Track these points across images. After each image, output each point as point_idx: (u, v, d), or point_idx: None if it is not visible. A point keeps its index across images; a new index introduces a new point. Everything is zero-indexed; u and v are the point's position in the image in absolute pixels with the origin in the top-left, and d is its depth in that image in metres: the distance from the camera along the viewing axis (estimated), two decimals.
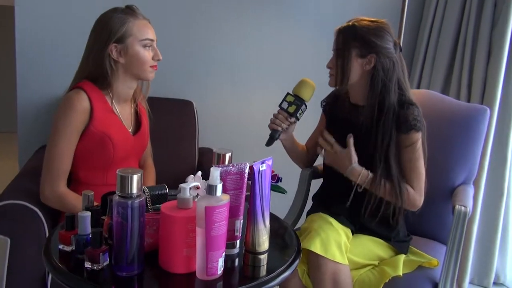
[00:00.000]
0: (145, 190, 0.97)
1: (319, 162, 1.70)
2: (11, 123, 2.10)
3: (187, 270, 0.80)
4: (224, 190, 0.83)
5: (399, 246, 1.44)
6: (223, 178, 0.85)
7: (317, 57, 2.27)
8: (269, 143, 1.45)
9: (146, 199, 0.96)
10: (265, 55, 2.24)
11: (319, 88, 1.50)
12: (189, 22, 2.09)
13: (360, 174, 1.35)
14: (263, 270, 0.84)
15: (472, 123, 1.61)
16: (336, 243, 1.28)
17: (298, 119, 1.43)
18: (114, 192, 1.01)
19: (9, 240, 1.27)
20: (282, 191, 1.02)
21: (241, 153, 2.16)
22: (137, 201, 0.76)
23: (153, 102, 2.01)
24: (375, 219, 1.38)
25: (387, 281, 1.31)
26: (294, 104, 1.40)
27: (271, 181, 1.01)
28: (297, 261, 0.90)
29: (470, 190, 1.56)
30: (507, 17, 1.93)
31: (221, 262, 0.78)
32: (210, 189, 0.76)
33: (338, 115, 1.51)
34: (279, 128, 1.43)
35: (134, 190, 0.76)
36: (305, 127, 1.63)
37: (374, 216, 1.38)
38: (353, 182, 1.37)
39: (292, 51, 2.27)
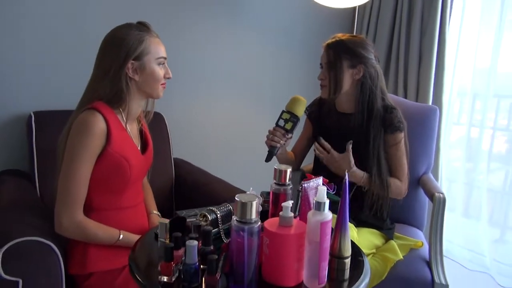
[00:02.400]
0: (216, 211, 0.99)
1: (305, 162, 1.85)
2: None
3: (296, 282, 0.86)
4: (308, 204, 0.91)
5: (388, 233, 1.65)
6: (308, 193, 0.92)
7: (278, 66, 2.44)
8: (268, 159, 1.51)
9: (218, 220, 0.99)
10: (228, 64, 2.31)
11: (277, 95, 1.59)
12: (156, 31, 2.04)
13: (362, 176, 1.52)
14: (347, 273, 0.94)
15: (426, 120, 1.90)
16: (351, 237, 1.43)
17: (292, 133, 1.51)
18: (180, 218, 1.02)
19: (21, 282, 1.17)
20: (337, 199, 1.11)
21: (214, 161, 2.22)
22: (255, 226, 0.80)
23: None
24: (371, 212, 1.57)
25: (392, 265, 1.50)
26: (290, 121, 1.47)
27: (329, 191, 1.10)
28: (367, 260, 1.02)
29: (433, 178, 1.85)
30: (433, 27, 2.28)
31: (327, 270, 0.86)
32: (319, 206, 0.83)
33: (325, 122, 1.66)
34: (278, 145, 1.50)
35: (253, 216, 0.80)
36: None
37: (370, 210, 1.57)
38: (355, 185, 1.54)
39: (254, 59, 2.37)
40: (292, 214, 0.86)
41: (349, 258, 0.94)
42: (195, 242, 0.82)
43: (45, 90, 1.84)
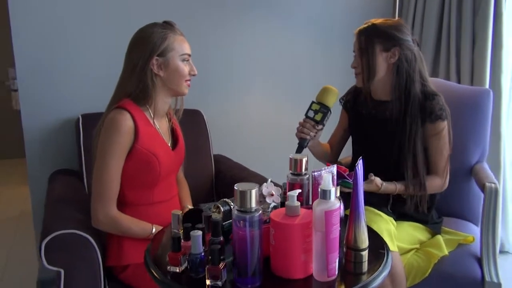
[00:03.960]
0: (229, 203, 0.98)
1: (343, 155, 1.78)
2: (19, 149, 2.02)
3: (305, 275, 0.83)
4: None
5: (434, 227, 1.53)
6: (318, 182, 0.88)
7: (314, 58, 2.38)
8: (299, 151, 1.46)
9: (231, 212, 0.98)
10: (264, 58, 2.29)
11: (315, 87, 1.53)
12: (189, 31, 2.08)
13: (395, 189, 1.42)
14: (365, 266, 0.88)
15: (479, 104, 1.74)
16: (387, 232, 1.35)
17: (324, 125, 1.45)
18: (196, 210, 1.02)
19: (63, 272, 1.24)
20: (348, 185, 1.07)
21: (253, 155, 2.20)
22: (256, 214, 0.78)
23: None
24: (413, 207, 1.46)
25: (436, 261, 1.39)
26: (320, 112, 1.41)
27: (348, 180, 1.05)
28: (389, 253, 0.96)
29: (487, 167, 1.69)
30: (487, 4, 2.09)
31: (337, 262, 0.82)
32: (325, 194, 0.79)
33: (361, 111, 1.58)
34: (308, 137, 1.44)
35: (253, 204, 0.78)
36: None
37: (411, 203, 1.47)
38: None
39: (289, 52, 2.33)
40: (298, 204, 0.83)
41: (367, 250, 0.88)
42: (199, 232, 0.82)
43: (92, 94, 1.95)
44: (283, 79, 2.35)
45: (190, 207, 1.57)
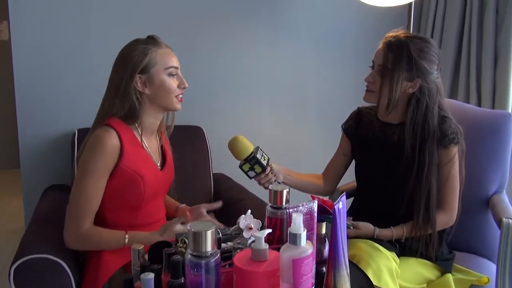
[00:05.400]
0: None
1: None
2: (15, 160, 2.00)
3: None
4: None
5: (444, 264, 1.38)
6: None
7: (319, 70, 2.27)
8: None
9: None
10: (273, 74, 2.20)
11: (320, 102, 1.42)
12: (189, 46, 2.03)
13: (391, 234, 1.33)
14: None
15: (498, 129, 1.58)
16: (387, 270, 1.21)
17: (265, 165, 1.31)
18: (163, 243, 0.93)
19: None
20: (349, 226, 0.94)
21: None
22: (212, 260, 0.67)
23: None
24: (418, 239, 1.33)
25: None
26: (252, 165, 1.29)
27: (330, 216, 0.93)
28: None
29: (506, 199, 1.53)
30: (510, 21, 1.94)
31: None
32: (294, 238, 0.68)
33: (366, 135, 1.46)
34: (273, 184, 1.35)
35: (209, 248, 0.67)
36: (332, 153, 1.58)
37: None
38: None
39: (298, 68, 2.23)
40: (265, 247, 0.72)
41: None
42: (151, 275, 0.72)
43: (90, 108, 1.88)
44: (289, 94, 2.26)
45: (184, 205, 1.48)
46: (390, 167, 1.37)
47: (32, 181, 1.87)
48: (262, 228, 0.94)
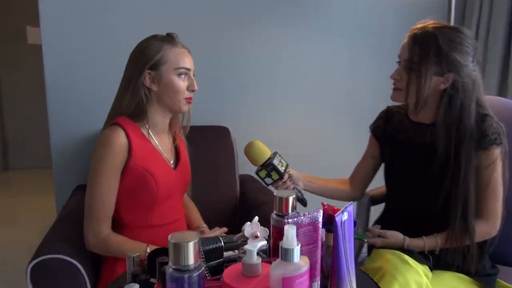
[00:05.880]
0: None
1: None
2: (48, 159, 2.08)
3: None
4: None
5: (486, 280, 1.24)
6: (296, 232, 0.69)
7: (351, 69, 2.15)
8: (304, 203, 1.28)
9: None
10: (304, 72, 2.11)
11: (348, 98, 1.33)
12: (218, 45, 1.99)
13: (425, 245, 1.21)
14: None
15: None
16: (417, 286, 1.10)
17: (283, 171, 1.23)
18: (161, 249, 0.88)
19: None
20: (361, 238, 0.85)
21: None
22: (195, 274, 0.61)
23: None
24: (454, 251, 1.20)
25: None
26: (269, 171, 1.21)
27: None
28: None
29: None
30: None
31: None
32: (286, 254, 0.60)
33: (395, 135, 1.34)
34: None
35: (191, 261, 0.61)
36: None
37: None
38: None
39: (332, 65, 2.13)
40: (258, 261, 0.64)
41: None
42: (136, 286, 0.67)
43: None
44: (319, 94, 2.16)
45: (205, 226, 1.44)
46: (421, 170, 1.25)
47: (63, 180, 1.91)
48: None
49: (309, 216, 0.71)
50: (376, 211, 1.49)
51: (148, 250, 1.18)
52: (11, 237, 2.88)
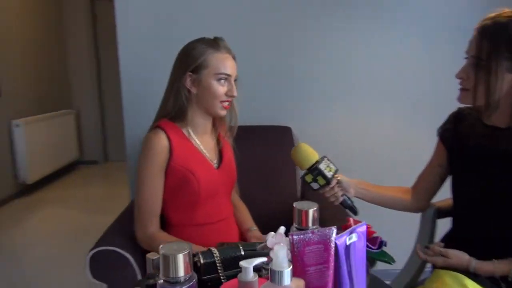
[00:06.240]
0: (215, 253, 0.80)
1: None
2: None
3: None
4: (303, 267, 0.62)
5: None
6: (300, 250, 0.64)
7: (430, 67, 1.95)
8: (354, 212, 1.21)
9: (216, 265, 0.80)
10: (374, 69, 1.98)
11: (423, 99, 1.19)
12: (281, 42, 1.95)
13: (494, 270, 1.04)
14: None
15: None
16: None
17: (330, 177, 1.15)
18: None
19: (105, 286, 1.25)
20: (388, 260, 0.76)
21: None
22: (185, 286, 0.60)
23: (247, 130, 1.90)
24: None
25: None
26: (315, 176, 1.13)
27: (372, 248, 0.75)
28: None
29: None
30: None
31: None
32: (275, 276, 0.56)
33: (465, 141, 1.18)
34: (340, 198, 1.19)
35: (181, 273, 0.59)
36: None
37: None
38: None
39: (404, 60, 1.96)
40: (254, 279, 0.61)
41: None
42: None
43: None
44: (398, 93, 2.01)
45: (255, 228, 1.43)
46: (494, 181, 1.08)
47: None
48: None
49: (319, 233, 0.65)
50: (445, 224, 1.33)
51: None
52: (101, 224, 3.19)
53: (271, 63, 1.97)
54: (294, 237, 0.63)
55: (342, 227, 0.75)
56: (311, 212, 0.76)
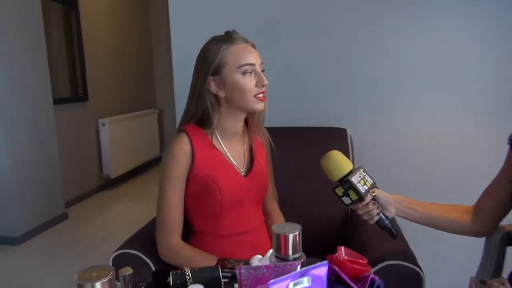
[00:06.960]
0: (187, 273, 0.70)
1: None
2: None
3: None
4: None
5: None
6: (247, 283, 0.50)
7: (484, 62, 1.64)
8: (391, 234, 1.04)
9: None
10: (441, 72, 1.73)
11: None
12: (336, 40, 1.79)
13: None
14: None
15: None
16: None
17: (365, 191, 0.98)
18: (165, 270, 0.80)
19: None
20: None
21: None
22: None
23: (300, 132, 1.75)
24: None
25: None
26: (346, 189, 0.97)
27: None
28: None
29: None
30: None
31: None
32: None
33: None
34: (376, 217, 1.02)
35: None
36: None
37: None
38: None
39: (469, 64, 1.69)
40: None
41: None
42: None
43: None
44: (460, 94, 1.74)
45: None
46: None
47: None
48: None
49: (277, 269, 0.51)
50: None
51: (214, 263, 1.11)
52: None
53: (325, 62, 1.84)
54: (242, 271, 0.50)
55: (328, 259, 0.60)
56: (291, 237, 0.61)
